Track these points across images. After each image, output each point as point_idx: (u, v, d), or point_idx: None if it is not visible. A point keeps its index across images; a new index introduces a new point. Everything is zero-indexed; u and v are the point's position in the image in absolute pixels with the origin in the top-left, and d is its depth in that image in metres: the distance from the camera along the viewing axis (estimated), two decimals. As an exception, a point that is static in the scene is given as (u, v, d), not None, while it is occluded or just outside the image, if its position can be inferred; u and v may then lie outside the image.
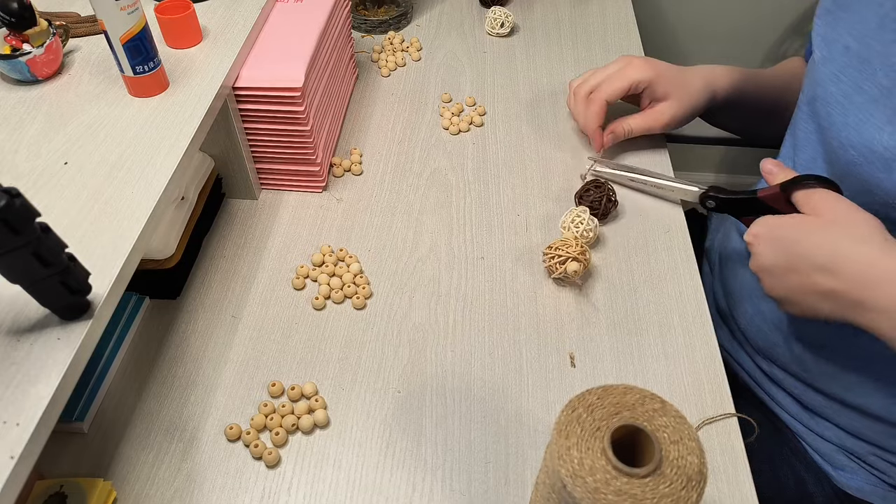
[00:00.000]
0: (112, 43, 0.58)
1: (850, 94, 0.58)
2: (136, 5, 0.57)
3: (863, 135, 0.56)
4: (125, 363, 0.62)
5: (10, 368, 0.42)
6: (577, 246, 0.64)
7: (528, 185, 0.77)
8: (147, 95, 0.62)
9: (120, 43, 0.58)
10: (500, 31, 0.97)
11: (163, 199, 0.54)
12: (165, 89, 0.63)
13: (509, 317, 0.65)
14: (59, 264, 0.41)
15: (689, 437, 0.40)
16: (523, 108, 0.87)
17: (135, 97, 0.62)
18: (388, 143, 0.83)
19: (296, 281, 0.68)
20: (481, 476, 0.54)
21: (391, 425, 0.58)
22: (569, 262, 0.63)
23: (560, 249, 0.64)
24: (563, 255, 0.64)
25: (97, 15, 0.57)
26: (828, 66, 0.61)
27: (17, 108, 0.61)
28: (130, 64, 0.60)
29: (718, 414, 0.57)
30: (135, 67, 0.60)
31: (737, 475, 0.54)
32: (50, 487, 0.51)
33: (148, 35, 0.60)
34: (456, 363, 0.62)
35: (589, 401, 0.42)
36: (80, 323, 0.45)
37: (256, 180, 0.76)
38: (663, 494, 0.38)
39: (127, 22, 0.57)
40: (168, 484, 0.54)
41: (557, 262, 0.64)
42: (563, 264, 0.64)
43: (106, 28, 0.57)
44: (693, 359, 0.61)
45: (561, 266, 0.64)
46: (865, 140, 0.55)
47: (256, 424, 0.57)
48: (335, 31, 0.81)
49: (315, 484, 0.54)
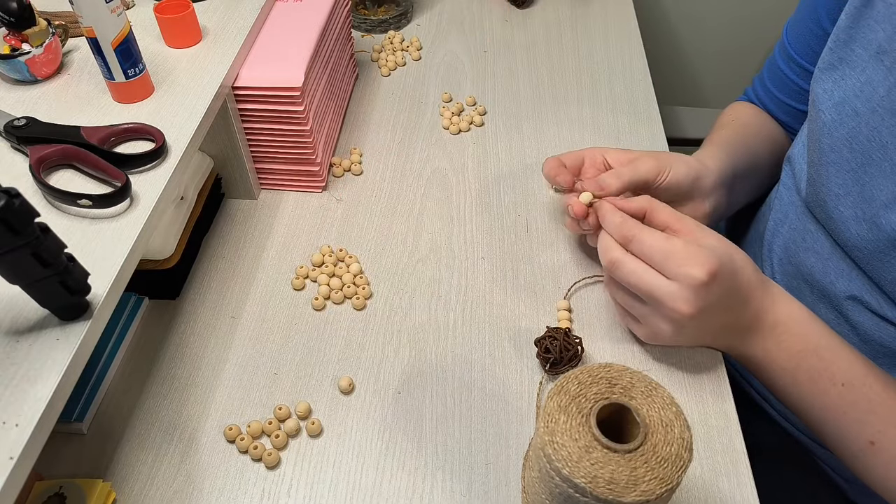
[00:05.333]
0: (102, 49, 0.57)
1: (864, 165, 0.56)
2: (121, 7, 0.56)
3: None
4: (124, 363, 0.62)
5: (10, 369, 0.42)
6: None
7: (528, 185, 0.77)
8: (136, 100, 0.61)
9: (112, 47, 0.57)
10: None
11: (162, 199, 0.54)
12: (152, 93, 0.62)
13: (510, 317, 0.65)
14: (58, 264, 0.41)
15: (672, 409, 0.42)
16: (524, 107, 0.87)
17: (122, 103, 0.61)
18: (388, 143, 0.83)
19: (295, 281, 0.68)
20: (482, 477, 0.54)
21: (391, 426, 0.57)
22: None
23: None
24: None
25: (85, 22, 0.55)
26: (840, 130, 0.58)
27: (17, 108, 0.60)
28: (122, 68, 0.58)
29: (718, 414, 0.57)
30: (126, 72, 0.59)
31: (738, 475, 0.54)
32: (49, 488, 0.51)
33: (133, 37, 0.59)
34: (456, 364, 0.61)
35: (579, 378, 0.44)
36: (79, 323, 0.45)
37: (256, 180, 0.76)
38: (654, 464, 0.39)
39: (117, 24, 0.56)
40: (167, 484, 0.54)
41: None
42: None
43: (96, 34, 0.56)
44: (695, 360, 0.61)
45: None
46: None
47: (254, 431, 0.56)
48: (335, 31, 0.80)
49: (315, 485, 0.54)
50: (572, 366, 0.59)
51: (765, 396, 0.73)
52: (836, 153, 0.58)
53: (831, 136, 0.59)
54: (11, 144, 0.57)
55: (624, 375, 0.43)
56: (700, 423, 0.57)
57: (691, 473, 0.54)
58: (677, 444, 0.40)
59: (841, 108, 0.58)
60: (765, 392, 0.73)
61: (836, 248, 0.61)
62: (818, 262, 0.63)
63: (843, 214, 0.58)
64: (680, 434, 0.41)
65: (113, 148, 0.57)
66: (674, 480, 0.39)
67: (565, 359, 0.58)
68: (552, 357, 0.58)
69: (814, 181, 0.62)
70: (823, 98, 0.60)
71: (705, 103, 1.63)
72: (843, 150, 0.57)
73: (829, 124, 0.59)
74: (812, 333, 0.56)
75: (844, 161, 0.57)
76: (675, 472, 0.39)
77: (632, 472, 0.39)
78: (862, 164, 0.56)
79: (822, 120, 0.60)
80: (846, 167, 0.57)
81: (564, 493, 0.41)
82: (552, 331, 0.60)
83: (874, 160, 0.55)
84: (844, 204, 0.58)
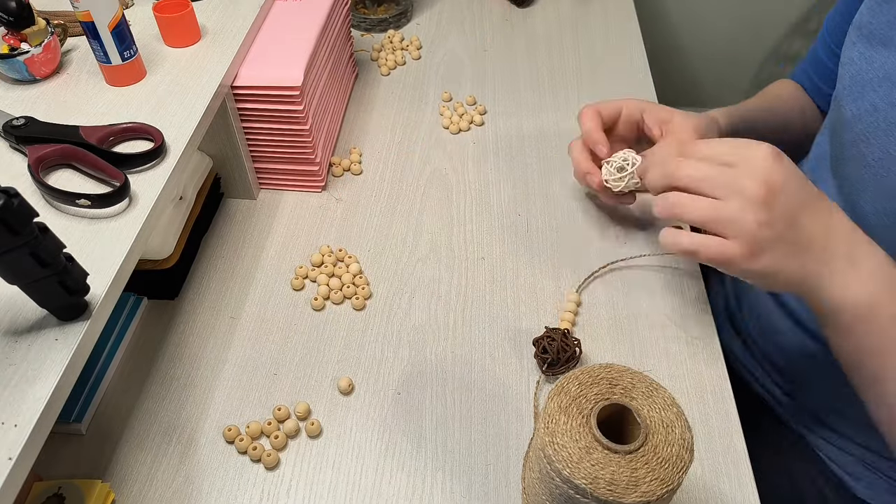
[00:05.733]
0: (99, 32, 0.58)
1: (882, 159, 0.55)
2: None
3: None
4: (123, 364, 0.62)
5: (8, 369, 0.42)
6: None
7: (528, 185, 0.77)
8: (131, 83, 0.63)
9: (108, 30, 0.58)
10: (617, 182, 0.64)
11: (161, 199, 0.54)
12: (144, 76, 0.64)
13: (510, 317, 0.64)
14: (57, 264, 0.41)
15: (673, 410, 0.42)
16: (524, 107, 0.87)
17: (117, 87, 0.62)
18: (387, 143, 0.83)
19: (295, 281, 0.67)
20: (482, 478, 0.54)
21: (391, 427, 0.57)
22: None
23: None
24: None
25: (82, 7, 0.57)
26: (859, 125, 0.58)
27: (15, 108, 0.60)
28: (119, 51, 0.60)
29: (719, 414, 0.57)
30: (122, 53, 0.60)
31: (739, 476, 0.54)
32: (48, 489, 0.51)
33: (126, 20, 0.60)
34: (456, 364, 0.61)
35: (579, 378, 0.44)
36: (77, 323, 0.45)
37: (255, 180, 0.76)
38: (655, 465, 0.39)
39: (112, 7, 0.57)
40: (166, 485, 0.54)
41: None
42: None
43: (93, 17, 0.57)
44: (696, 360, 0.61)
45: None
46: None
47: (253, 432, 0.56)
48: (334, 30, 0.80)
49: (314, 486, 0.54)
50: (570, 367, 0.58)
51: (770, 391, 0.73)
52: (855, 148, 0.59)
53: (852, 130, 0.59)
54: (10, 144, 0.56)
55: (625, 376, 0.43)
56: (701, 424, 0.57)
57: (692, 474, 0.54)
58: (678, 444, 0.40)
59: (860, 102, 0.58)
60: (772, 389, 0.73)
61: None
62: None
63: (864, 209, 0.58)
64: (681, 435, 0.41)
65: (112, 147, 0.57)
66: (674, 481, 0.39)
67: (563, 359, 0.58)
68: (550, 358, 0.58)
69: (837, 174, 0.62)
70: (844, 93, 0.60)
71: (705, 103, 1.63)
72: (861, 145, 0.58)
73: (849, 119, 0.59)
74: None
75: (862, 156, 0.58)
76: (676, 473, 0.39)
77: (632, 472, 0.39)
78: (880, 159, 0.56)
79: (842, 114, 0.60)
80: (864, 162, 0.57)
81: (565, 495, 0.41)
82: (550, 331, 0.60)
83: (892, 155, 0.55)
84: (864, 198, 0.58)
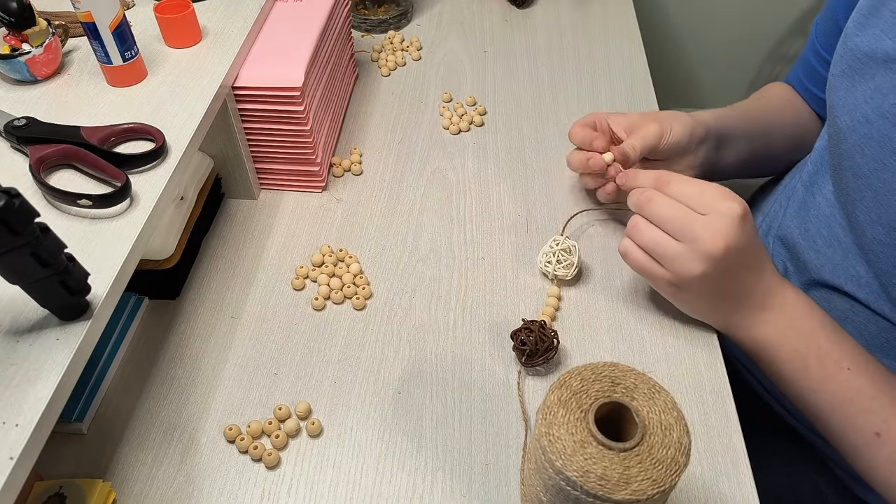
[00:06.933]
0: (100, 33, 0.58)
1: (876, 170, 0.56)
2: None
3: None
4: (124, 364, 0.62)
5: (10, 369, 0.42)
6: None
7: (528, 185, 0.77)
8: (132, 83, 0.63)
9: (109, 31, 0.58)
10: (556, 270, 0.65)
11: (162, 199, 0.54)
12: (145, 77, 0.64)
13: (510, 317, 0.65)
14: (58, 264, 0.41)
15: (673, 413, 0.42)
16: (524, 107, 0.87)
17: (118, 87, 0.63)
18: (387, 143, 0.83)
19: (295, 281, 0.67)
20: (482, 478, 0.54)
21: (391, 426, 0.57)
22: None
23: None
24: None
25: (83, 7, 0.57)
26: (853, 136, 0.59)
27: (16, 108, 0.60)
28: (120, 51, 0.60)
29: (718, 414, 0.57)
30: (123, 54, 0.60)
31: (738, 476, 0.54)
32: (49, 488, 0.51)
33: (127, 20, 0.60)
34: (456, 364, 0.61)
35: (582, 374, 0.44)
36: (79, 323, 0.45)
37: (256, 180, 0.76)
38: (649, 465, 0.40)
39: (113, 7, 0.58)
40: (167, 485, 0.54)
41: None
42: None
43: (94, 18, 0.57)
44: (695, 360, 0.61)
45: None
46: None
47: (254, 432, 0.56)
48: (335, 31, 0.80)
49: (315, 485, 0.54)
50: (548, 358, 0.59)
51: (770, 392, 0.73)
52: (850, 159, 0.59)
53: (846, 140, 0.59)
54: (11, 144, 0.57)
55: (628, 376, 0.43)
56: (700, 423, 0.57)
57: (691, 474, 0.54)
58: (674, 447, 0.40)
59: (853, 114, 0.58)
60: (773, 389, 0.73)
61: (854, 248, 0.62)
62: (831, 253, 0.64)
63: (859, 219, 0.59)
64: (678, 438, 0.41)
65: (113, 148, 0.57)
66: (667, 483, 0.39)
67: (541, 350, 0.59)
68: (528, 349, 0.59)
69: (835, 182, 0.63)
70: (837, 104, 0.61)
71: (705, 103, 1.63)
72: (856, 156, 0.58)
73: (844, 130, 0.60)
74: (816, 315, 0.57)
75: (858, 167, 0.58)
76: (670, 475, 0.39)
77: (624, 470, 0.39)
78: (875, 170, 0.56)
79: (837, 125, 0.61)
80: (859, 172, 0.58)
81: (557, 486, 0.41)
82: (528, 323, 0.60)
83: (887, 166, 0.55)
84: (860, 208, 0.59)
